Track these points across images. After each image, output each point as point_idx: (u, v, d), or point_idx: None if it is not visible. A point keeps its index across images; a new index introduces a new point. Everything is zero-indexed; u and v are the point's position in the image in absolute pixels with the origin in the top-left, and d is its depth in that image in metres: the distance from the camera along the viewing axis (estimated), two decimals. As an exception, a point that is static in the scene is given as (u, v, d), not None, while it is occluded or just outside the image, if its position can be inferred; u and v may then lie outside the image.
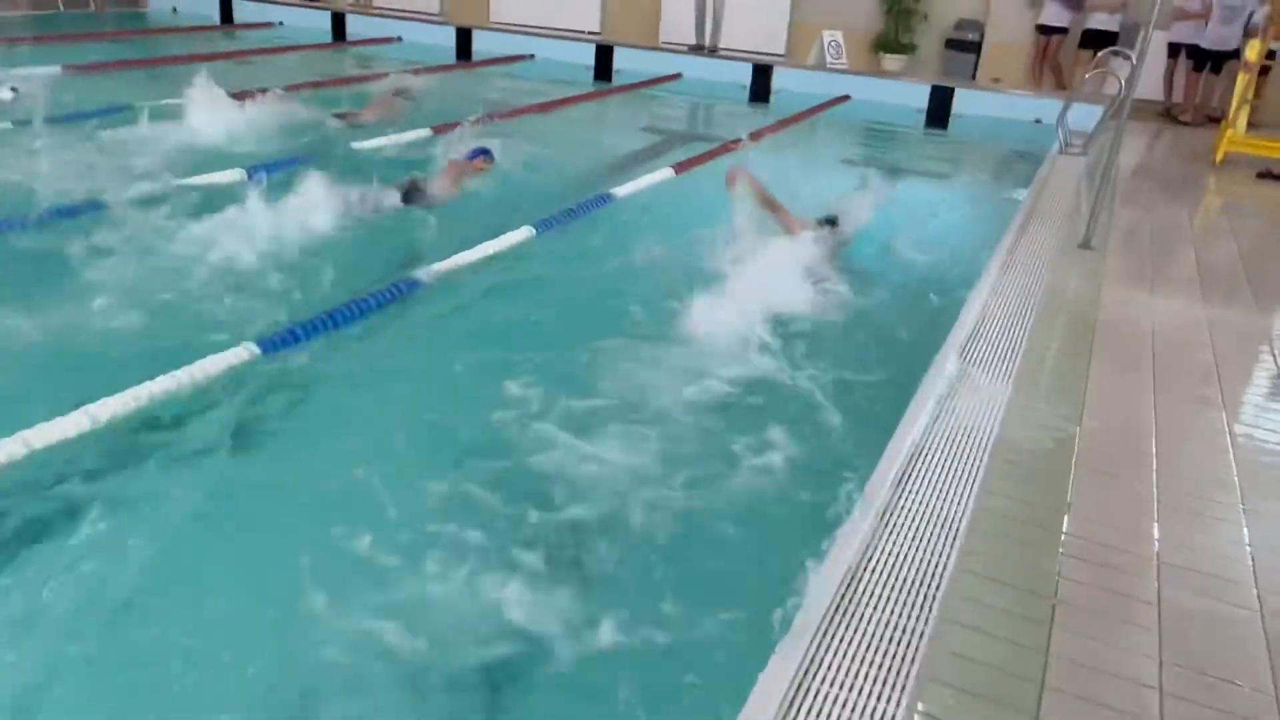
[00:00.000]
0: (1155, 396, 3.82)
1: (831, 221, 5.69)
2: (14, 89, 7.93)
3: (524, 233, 5.15)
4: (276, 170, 5.87)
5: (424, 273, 4.43)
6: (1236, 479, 3.27)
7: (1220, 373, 4.15)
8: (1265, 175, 8.37)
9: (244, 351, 3.51)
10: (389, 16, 14.34)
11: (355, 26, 13.67)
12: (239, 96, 7.47)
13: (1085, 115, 9.03)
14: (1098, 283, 5.19)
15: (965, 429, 3.34)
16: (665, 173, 6.67)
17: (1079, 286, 5.11)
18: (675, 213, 6.09)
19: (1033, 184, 7.15)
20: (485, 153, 6.27)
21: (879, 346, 4.27)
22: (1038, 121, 10.03)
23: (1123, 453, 3.37)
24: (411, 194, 5.63)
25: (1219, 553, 2.83)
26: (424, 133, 7.40)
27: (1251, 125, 9.47)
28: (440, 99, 9.12)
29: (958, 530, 2.71)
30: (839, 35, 12.65)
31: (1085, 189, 7.17)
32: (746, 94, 11.32)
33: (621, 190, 6.16)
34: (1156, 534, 2.87)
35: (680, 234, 5.61)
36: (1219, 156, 8.84)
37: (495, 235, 5.05)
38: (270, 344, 3.61)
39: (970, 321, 4.36)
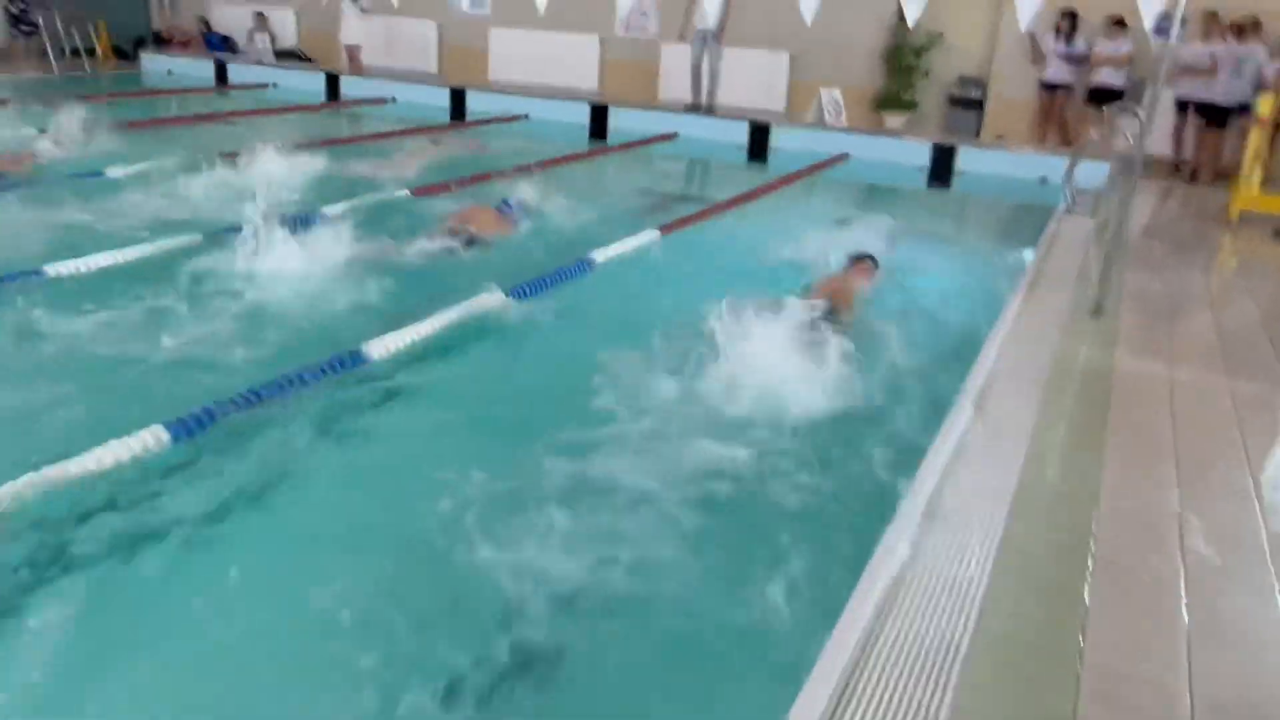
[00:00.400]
0: (1179, 490, 3.41)
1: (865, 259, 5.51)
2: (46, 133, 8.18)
3: (495, 299, 4.80)
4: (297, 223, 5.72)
5: (373, 346, 4.07)
6: (1275, 586, 2.86)
7: (1250, 458, 3.73)
8: (1282, 234, 8.01)
9: (150, 437, 3.13)
10: (384, 77, 14.22)
11: (348, 87, 13.54)
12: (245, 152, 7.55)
13: (1093, 173, 8.70)
14: (1111, 354, 4.79)
15: (965, 530, 2.94)
16: (650, 235, 6.33)
17: (1091, 358, 4.72)
18: (658, 278, 5.76)
19: (1039, 245, 6.80)
20: (507, 205, 6.57)
21: (872, 429, 3.87)
22: (1043, 180, 9.72)
23: (1145, 557, 2.96)
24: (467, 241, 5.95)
25: (1260, 683, 2.41)
26: (403, 194, 7.12)
27: (1265, 182, 9.13)
28: (431, 159, 8.89)
29: (955, 661, 2.30)
30: (837, 93, 12.44)
31: (1094, 250, 6.81)
32: (744, 153, 11.06)
33: (603, 254, 5.82)
34: (1186, 660, 2.45)
35: (662, 301, 5.27)
36: (1233, 215, 8.49)
37: (464, 301, 4.70)
38: (181, 428, 3.23)
39: (971, 401, 3.97)
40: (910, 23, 6.42)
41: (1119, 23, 11.60)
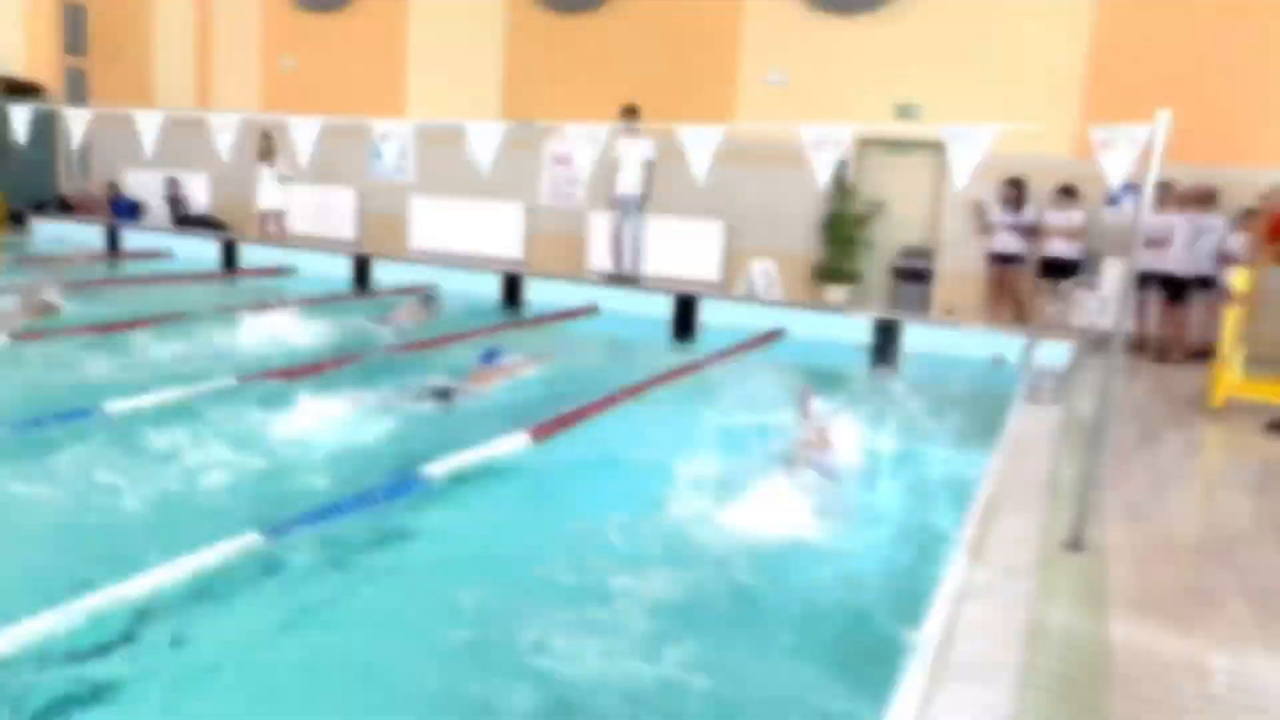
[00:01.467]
0: None
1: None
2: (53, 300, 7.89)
3: (244, 542, 3.45)
4: None
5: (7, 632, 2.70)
6: None
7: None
8: (1277, 428, 6.92)
9: None
10: (297, 245, 13.20)
11: (246, 256, 12.49)
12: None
13: (1054, 353, 7.70)
14: (1103, 614, 3.53)
15: None
16: (518, 439, 5.05)
17: (1074, 622, 3.46)
18: (520, 503, 4.47)
19: (998, 446, 5.60)
20: (494, 355, 6.69)
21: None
22: (998, 359, 8.67)
23: None
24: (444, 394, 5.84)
25: None
26: (229, 381, 5.86)
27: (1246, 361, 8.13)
28: (289, 338, 7.70)
29: None
30: (769, 264, 11.57)
31: (1064, 451, 5.65)
32: (669, 329, 9.98)
33: (443, 467, 4.53)
34: None
35: (516, 540, 4.00)
36: (1217, 403, 7.43)
37: (200, 548, 3.36)
38: None
39: (917, 690, 2.68)
40: (821, 185, 5.48)
41: (1068, 191, 10.91)
